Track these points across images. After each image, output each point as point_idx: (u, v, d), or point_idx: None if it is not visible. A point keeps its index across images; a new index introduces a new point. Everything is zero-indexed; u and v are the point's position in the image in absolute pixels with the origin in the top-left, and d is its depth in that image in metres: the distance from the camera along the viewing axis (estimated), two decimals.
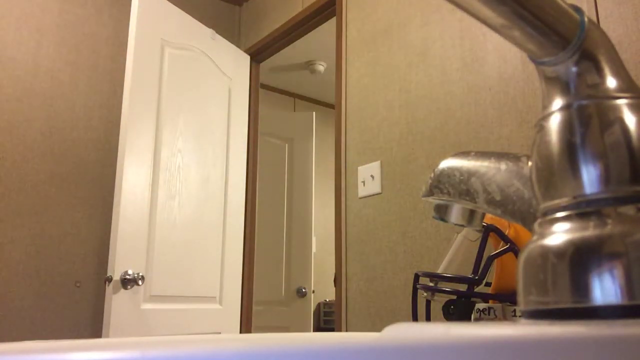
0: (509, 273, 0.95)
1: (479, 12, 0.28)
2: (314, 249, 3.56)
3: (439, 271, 1.06)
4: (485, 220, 0.96)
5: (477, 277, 0.92)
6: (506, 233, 0.94)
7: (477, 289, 0.95)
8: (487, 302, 0.94)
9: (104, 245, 2.35)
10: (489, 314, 0.89)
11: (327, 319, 3.97)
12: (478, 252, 0.95)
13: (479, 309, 0.90)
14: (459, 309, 0.90)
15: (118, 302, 1.95)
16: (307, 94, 4.41)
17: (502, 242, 0.95)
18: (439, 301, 0.97)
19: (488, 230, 0.95)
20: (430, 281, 0.98)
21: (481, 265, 0.93)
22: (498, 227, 0.96)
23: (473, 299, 0.92)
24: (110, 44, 2.54)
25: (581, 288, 0.26)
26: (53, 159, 2.32)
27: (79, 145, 2.40)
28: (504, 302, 0.92)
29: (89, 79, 2.47)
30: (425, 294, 0.98)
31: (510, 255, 0.93)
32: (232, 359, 0.17)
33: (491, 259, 0.93)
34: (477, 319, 0.89)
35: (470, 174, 0.43)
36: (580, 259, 0.26)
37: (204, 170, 2.44)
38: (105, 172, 2.37)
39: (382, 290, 1.81)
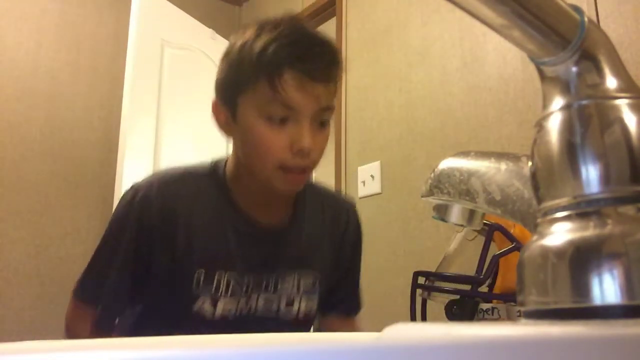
0: (514, 272, 0.95)
1: (479, 12, 0.28)
2: None
3: (438, 271, 1.06)
4: (489, 220, 0.96)
5: (482, 277, 0.92)
6: (511, 232, 0.94)
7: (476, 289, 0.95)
8: (490, 302, 0.94)
9: None
10: (492, 314, 0.89)
11: None
12: (482, 251, 0.94)
13: (482, 309, 0.89)
14: (462, 309, 0.90)
15: None
16: None
17: (506, 241, 0.95)
18: (441, 301, 0.97)
19: (493, 229, 0.94)
20: (428, 280, 0.98)
21: (485, 264, 0.93)
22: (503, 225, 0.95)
23: (477, 299, 0.92)
24: (110, 44, 2.54)
25: (581, 288, 0.26)
26: (53, 159, 2.32)
27: (79, 145, 2.40)
28: (508, 302, 0.92)
29: (89, 79, 2.47)
30: (423, 293, 0.98)
31: (515, 254, 0.93)
32: (232, 359, 0.17)
33: (496, 258, 0.93)
34: (480, 319, 0.89)
35: (470, 174, 0.43)
36: (580, 259, 0.26)
37: None
38: (105, 172, 2.37)
39: (382, 290, 1.81)
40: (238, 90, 0.74)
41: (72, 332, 0.84)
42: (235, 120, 0.76)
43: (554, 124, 0.30)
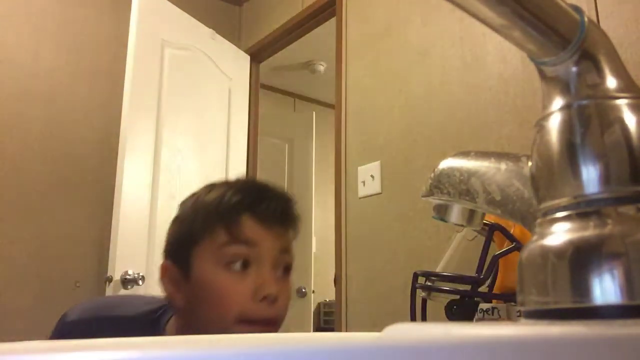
0: (514, 272, 0.95)
1: (479, 12, 0.28)
2: (314, 249, 3.56)
3: (438, 270, 1.06)
4: (489, 220, 0.96)
5: (482, 277, 0.91)
6: (511, 232, 0.94)
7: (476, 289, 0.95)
8: (490, 302, 0.94)
9: (104, 245, 2.35)
10: (492, 314, 0.89)
11: (327, 319, 3.96)
12: (482, 251, 0.94)
13: (482, 309, 0.89)
14: (462, 309, 0.90)
15: None
16: (307, 94, 4.40)
17: (506, 241, 0.95)
18: (440, 301, 0.97)
19: (493, 229, 0.94)
20: (428, 280, 0.98)
21: (485, 264, 0.93)
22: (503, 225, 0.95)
23: (477, 299, 0.92)
24: (111, 44, 2.54)
25: (581, 288, 0.26)
26: (53, 159, 2.32)
27: (79, 145, 2.39)
28: (508, 302, 0.91)
29: (89, 79, 2.47)
30: (423, 293, 0.98)
31: (515, 254, 0.93)
32: (232, 359, 0.16)
33: (496, 258, 0.93)
34: (480, 319, 0.89)
35: (470, 174, 0.43)
36: (580, 259, 0.26)
37: (204, 170, 2.44)
38: (105, 172, 2.37)
39: (382, 290, 1.81)
40: (192, 243, 0.70)
41: None
42: (188, 277, 0.70)
43: (554, 124, 0.30)
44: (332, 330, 3.45)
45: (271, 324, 0.69)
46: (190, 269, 0.70)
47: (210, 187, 0.74)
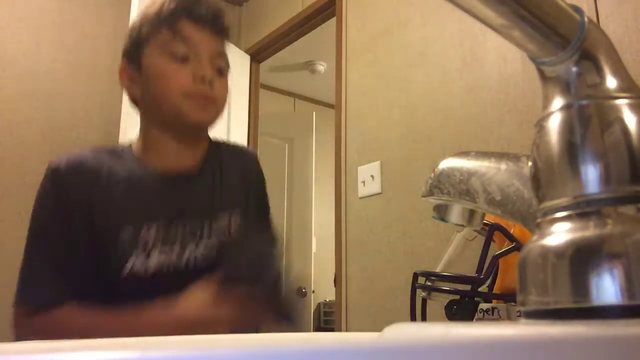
0: (514, 272, 0.94)
1: (479, 12, 0.28)
2: (314, 249, 3.55)
3: (438, 270, 1.06)
4: (489, 220, 0.96)
5: (482, 277, 0.91)
6: (511, 232, 0.94)
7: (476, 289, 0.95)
8: (490, 302, 0.94)
9: None
10: (492, 314, 0.89)
11: (327, 319, 3.96)
12: (482, 251, 0.94)
13: (482, 309, 0.89)
14: (462, 309, 0.90)
15: None
16: (307, 94, 4.40)
17: (506, 241, 0.95)
18: (440, 301, 0.97)
19: (493, 229, 0.94)
20: (428, 280, 0.98)
21: (485, 264, 0.93)
22: (503, 225, 0.95)
23: (477, 299, 0.92)
24: (110, 44, 2.54)
25: (581, 288, 0.26)
26: (53, 159, 2.32)
27: (79, 145, 2.39)
28: (508, 302, 0.91)
29: (88, 79, 2.47)
30: (423, 293, 0.98)
31: (515, 254, 0.93)
32: (232, 359, 0.17)
33: (496, 258, 0.93)
34: (480, 319, 0.89)
35: (470, 174, 0.43)
36: (580, 259, 0.26)
37: None
38: None
39: (382, 290, 1.81)
40: (143, 43, 0.85)
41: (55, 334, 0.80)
42: (140, 72, 0.85)
43: (554, 124, 0.30)
44: (332, 330, 3.45)
45: (210, 102, 0.85)
46: (142, 66, 0.85)
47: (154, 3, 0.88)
